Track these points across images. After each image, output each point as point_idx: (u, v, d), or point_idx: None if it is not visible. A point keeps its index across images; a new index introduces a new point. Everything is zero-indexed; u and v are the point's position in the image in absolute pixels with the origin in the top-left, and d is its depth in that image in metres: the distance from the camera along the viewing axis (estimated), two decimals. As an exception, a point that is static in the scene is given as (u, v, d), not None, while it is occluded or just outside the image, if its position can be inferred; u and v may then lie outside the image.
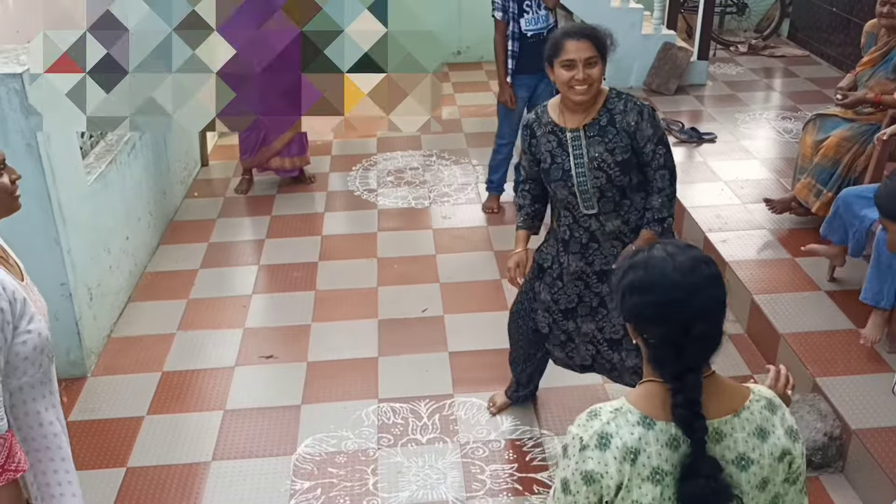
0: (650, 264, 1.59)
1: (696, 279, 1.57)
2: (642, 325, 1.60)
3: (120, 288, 4.52)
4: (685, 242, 1.65)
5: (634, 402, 1.61)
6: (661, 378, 1.58)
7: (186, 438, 3.64)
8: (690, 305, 1.55)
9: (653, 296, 1.57)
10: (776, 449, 1.60)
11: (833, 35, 7.77)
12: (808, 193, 4.55)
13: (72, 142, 3.97)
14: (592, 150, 3.01)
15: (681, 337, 1.55)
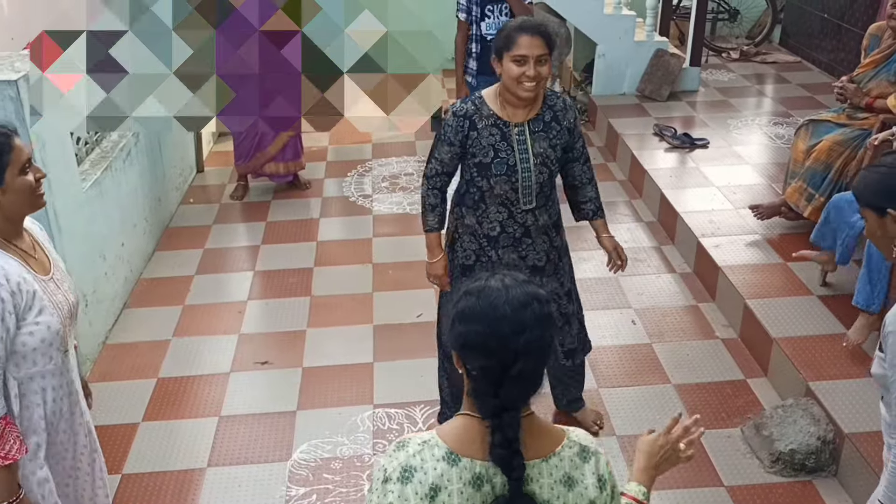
0: (483, 294, 1.55)
1: (525, 316, 1.51)
2: (466, 354, 1.54)
3: (115, 294, 4.52)
4: (526, 276, 1.61)
5: (444, 435, 1.56)
6: (479, 413, 1.54)
7: (182, 445, 3.65)
8: (513, 342, 1.50)
9: (479, 326, 1.52)
10: (581, 500, 1.56)
11: (824, 41, 7.82)
12: (800, 198, 4.58)
13: (67, 148, 3.98)
14: (537, 146, 3.02)
15: (500, 373, 1.50)
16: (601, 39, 7.07)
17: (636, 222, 5.50)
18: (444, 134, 3.03)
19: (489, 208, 3.11)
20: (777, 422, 3.49)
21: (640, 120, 6.63)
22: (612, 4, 7.09)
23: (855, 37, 6.72)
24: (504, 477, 1.51)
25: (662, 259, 5.05)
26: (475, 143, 3.01)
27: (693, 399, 3.84)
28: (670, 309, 4.54)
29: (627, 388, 3.93)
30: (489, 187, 3.06)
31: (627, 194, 5.90)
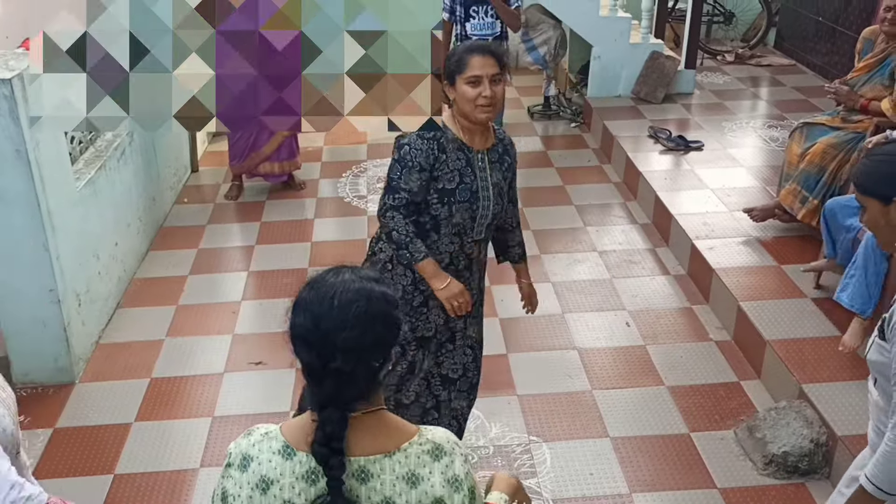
0: (317, 286, 1.55)
1: (347, 314, 1.49)
2: (294, 344, 1.54)
3: (109, 294, 4.51)
4: (375, 273, 1.60)
5: (285, 429, 1.57)
6: (309, 407, 1.54)
7: (174, 445, 3.64)
8: (330, 339, 1.49)
9: (304, 318, 1.52)
10: (426, 498, 1.52)
11: (819, 44, 7.84)
12: (794, 200, 4.59)
13: (61, 148, 3.97)
14: (494, 176, 2.93)
15: (319, 369, 1.50)
16: (597, 41, 7.08)
17: (631, 224, 5.51)
18: (413, 158, 2.80)
19: (441, 239, 2.91)
20: (770, 424, 3.49)
21: (635, 122, 6.64)
22: (608, 6, 7.10)
23: (849, 40, 6.74)
24: None
25: (656, 261, 5.06)
26: (443, 166, 2.83)
27: (686, 401, 3.84)
28: (664, 311, 4.55)
29: (621, 389, 3.93)
30: (448, 215, 2.87)
31: (622, 196, 5.91)
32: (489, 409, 3.81)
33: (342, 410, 1.50)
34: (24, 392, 3.95)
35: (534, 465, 3.49)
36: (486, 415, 3.78)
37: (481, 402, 3.83)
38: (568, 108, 7.42)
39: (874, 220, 2.14)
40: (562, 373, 4.05)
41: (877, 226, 2.14)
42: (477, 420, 3.74)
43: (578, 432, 3.67)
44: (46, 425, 3.74)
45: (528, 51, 7.16)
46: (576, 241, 5.31)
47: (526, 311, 3.34)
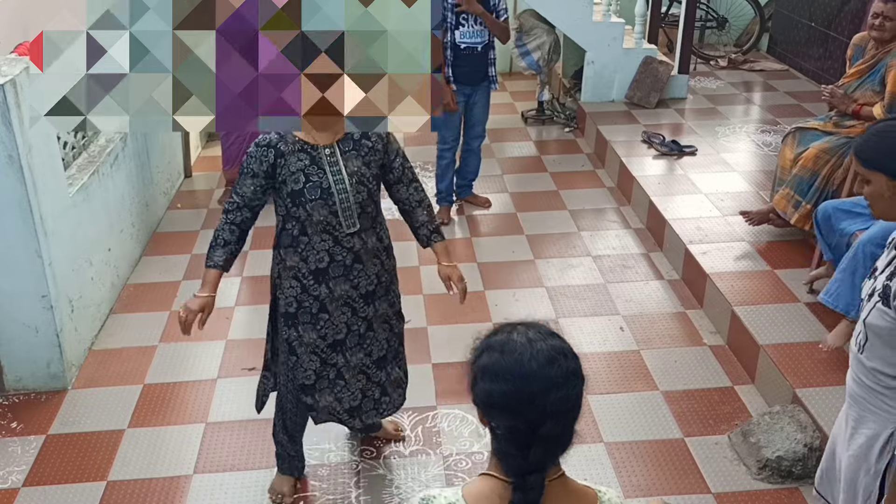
0: (507, 349, 1.48)
1: (553, 373, 1.45)
2: (489, 412, 1.49)
3: (101, 300, 4.50)
4: (548, 328, 1.55)
5: (469, 496, 1.50)
6: (504, 474, 1.48)
7: (168, 451, 3.63)
8: (542, 402, 1.43)
9: (505, 385, 1.45)
10: None
11: (812, 49, 7.87)
12: (787, 204, 4.60)
13: (54, 153, 3.96)
14: (351, 165, 2.92)
15: (528, 434, 1.44)
16: (590, 46, 7.09)
17: (625, 229, 5.52)
18: (247, 165, 2.90)
19: (312, 239, 2.94)
20: (764, 429, 3.50)
21: (629, 127, 6.66)
22: (601, 12, 7.12)
23: (842, 45, 6.77)
24: None
25: (650, 266, 5.06)
26: (283, 170, 2.87)
27: (680, 406, 3.84)
28: (658, 316, 4.55)
29: (615, 394, 3.93)
30: (307, 215, 2.90)
31: (616, 201, 5.91)
32: (483, 415, 3.80)
33: (542, 475, 1.45)
34: (17, 398, 3.94)
35: (528, 470, 3.48)
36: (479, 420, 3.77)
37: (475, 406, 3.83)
38: (562, 113, 7.43)
39: (879, 192, 2.18)
40: (556, 378, 4.05)
41: (881, 198, 2.19)
42: (471, 425, 3.74)
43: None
44: (39, 432, 3.72)
45: (522, 56, 7.17)
46: (570, 246, 5.31)
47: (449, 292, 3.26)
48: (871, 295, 2.19)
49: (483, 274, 5.00)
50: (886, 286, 2.13)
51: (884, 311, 2.12)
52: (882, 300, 2.13)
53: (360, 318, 3.11)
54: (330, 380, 3.14)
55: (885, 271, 2.19)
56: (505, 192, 6.10)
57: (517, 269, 5.05)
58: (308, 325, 3.04)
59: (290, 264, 3.01)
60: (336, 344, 3.10)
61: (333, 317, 3.06)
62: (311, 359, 3.10)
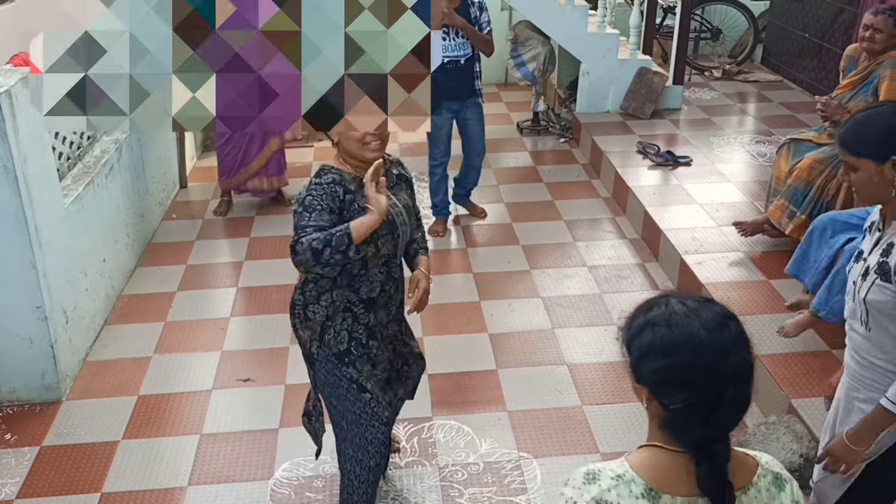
0: (673, 322, 1.45)
1: (725, 338, 1.44)
2: (663, 389, 1.45)
3: (96, 311, 4.48)
4: (699, 295, 1.53)
5: (639, 469, 1.47)
6: (679, 445, 1.46)
7: (162, 463, 3.61)
8: (720, 369, 1.41)
9: (678, 357, 1.43)
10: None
11: (805, 60, 7.91)
12: (782, 215, 4.61)
13: (49, 164, 3.96)
14: (400, 197, 2.94)
15: (710, 402, 1.41)
16: (585, 57, 7.12)
17: (620, 239, 5.53)
18: (320, 202, 2.71)
19: (370, 272, 2.87)
20: (760, 439, 3.49)
21: (624, 137, 6.67)
22: (596, 23, 7.15)
23: (835, 56, 6.80)
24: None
25: (646, 276, 5.07)
26: (352, 206, 2.76)
27: (676, 416, 3.83)
28: (654, 326, 4.54)
29: (611, 405, 3.93)
30: (375, 250, 2.83)
31: (611, 211, 5.92)
32: (479, 425, 3.80)
33: (727, 441, 1.44)
34: (11, 410, 3.92)
35: (524, 481, 3.47)
36: (475, 431, 3.77)
37: (471, 417, 3.83)
38: (557, 124, 7.45)
39: (867, 178, 2.25)
40: (552, 388, 4.05)
41: (869, 183, 2.25)
42: (467, 436, 3.73)
43: (569, 448, 3.66)
44: (33, 443, 3.71)
45: (518, 66, 7.19)
46: (565, 256, 5.32)
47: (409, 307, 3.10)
48: (866, 274, 2.28)
49: (479, 284, 5.00)
50: (883, 262, 2.24)
51: (883, 287, 2.22)
52: (881, 276, 2.23)
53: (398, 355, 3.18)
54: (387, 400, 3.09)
55: (875, 251, 2.29)
56: (500, 202, 6.11)
57: (513, 279, 5.05)
58: (361, 357, 2.94)
59: (338, 302, 2.89)
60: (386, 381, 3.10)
61: (383, 344, 3.03)
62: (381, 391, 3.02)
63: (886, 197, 2.26)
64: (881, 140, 2.23)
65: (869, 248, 2.34)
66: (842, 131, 2.35)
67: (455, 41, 5.11)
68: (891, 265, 2.22)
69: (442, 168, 5.52)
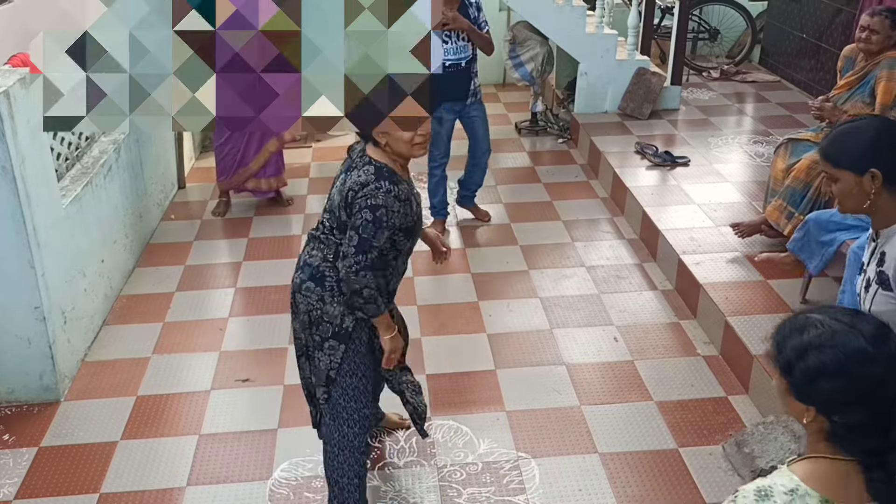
0: (837, 342, 1.47)
1: (892, 349, 1.46)
2: (838, 409, 1.47)
3: (95, 311, 4.48)
4: (838, 307, 1.56)
5: (810, 482, 1.47)
6: (847, 455, 1.48)
7: (161, 463, 3.61)
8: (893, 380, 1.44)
9: (853, 376, 1.45)
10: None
11: (803, 61, 7.92)
12: (780, 216, 4.62)
13: (47, 165, 3.96)
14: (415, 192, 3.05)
15: (888, 413, 1.44)
16: (583, 58, 7.12)
17: (618, 239, 5.53)
18: (388, 220, 2.79)
19: (399, 262, 3.00)
20: (758, 439, 3.50)
21: (622, 138, 6.68)
22: (594, 24, 7.16)
23: (833, 57, 6.81)
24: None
25: (644, 276, 5.07)
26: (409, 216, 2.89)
27: (674, 416, 3.84)
28: (652, 326, 4.56)
29: (609, 405, 3.93)
30: (411, 244, 2.99)
31: (609, 212, 5.93)
32: (478, 425, 3.80)
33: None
34: (9, 410, 3.92)
35: (522, 481, 3.47)
36: (474, 431, 3.77)
37: (469, 417, 3.84)
38: (555, 124, 7.45)
39: (847, 189, 2.31)
40: (550, 388, 4.05)
41: (849, 195, 2.31)
42: (465, 436, 3.73)
43: (567, 448, 3.66)
44: (31, 444, 3.71)
45: (516, 67, 7.20)
46: (563, 257, 5.32)
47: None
48: (868, 286, 2.32)
49: (477, 284, 5.01)
50: (880, 272, 2.26)
51: (887, 296, 2.25)
52: (882, 286, 2.25)
53: None
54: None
55: (872, 262, 2.33)
56: (499, 202, 6.11)
57: (511, 279, 5.05)
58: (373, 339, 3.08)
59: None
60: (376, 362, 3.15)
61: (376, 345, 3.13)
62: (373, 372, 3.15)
63: (863, 207, 2.31)
64: (861, 153, 2.27)
65: (867, 258, 2.39)
66: (824, 143, 2.39)
67: (457, 44, 5.11)
68: (888, 274, 2.24)
69: (441, 169, 5.53)
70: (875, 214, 2.32)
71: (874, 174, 2.24)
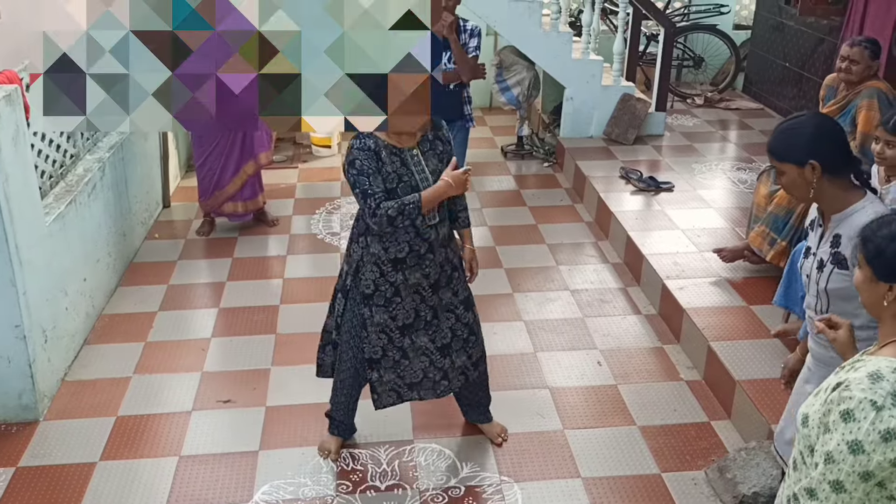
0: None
1: None
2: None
3: (76, 330, 4.45)
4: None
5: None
6: None
7: (140, 485, 3.57)
8: None
9: None
10: None
11: (786, 89, 8.02)
12: (763, 242, 4.66)
13: (31, 182, 3.93)
14: (430, 164, 3.29)
15: None
16: (569, 83, 7.18)
17: (602, 263, 5.55)
18: (362, 170, 3.17)
19: (397, 231, 3.26)
20: (740, 464, 3.50)
21: (607, 163, 6.73)
22: (581, 49, 7.22)
23: (815, 85, 6.90)
24: None
25: (628, 300, 5.09)
26: (382, 171, 3.20)
27: (657, 441, 3.84)
28: (635, 350, 4.57)
29: (592, 429, 3.93)
30: None
31: (594, 235, 5.95)
32: (460, 449, 3.78)
33: None
34: (-14, 430, 3.87)
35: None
36: (456, 454, 3.75)
37: (452, 441, 3.82)
38: (541, 148, 7.50)
39: (792, 180, 2.54)
40: (533, 412, 4.04)
41: (795, 185, 2.54)
42: (448, 460, 3.72)
43: (550, 472, 3.65)
44: (9, 464, 3.66)
45: (502, 91, 7.25)
46: (548, 280, 5.33)
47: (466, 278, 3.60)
48: (821, 267, 2.54)
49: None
50: (836, 253, 2.48)
51: (843, 274, 2.47)
52: (837, 266, 2.49)
53: (427, 306, 3.43)
54: (395, 360, 3.47)
55: (823, 245, 2.54)
56: (484, 225, 6.13)
57: (496, 302, 5.05)
58: (381, 307, 3.37)
59: (373, 251, 3.32)
60: (405, 328, 3.42)
61: (405, 302, 3.38)
62: (379, 337, 3.42)
63: (809, 197, 2.54)
64: (801, 147, 2.51)
65: (816, 242, 2.60)
66: (770, 140, 2.62)
67: (447, 67, 5.13)
68: (844, 254, 2.47)
69: None
70: (821, 201, 2.55)
71: (814, 165, 2.47)
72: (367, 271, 3.33)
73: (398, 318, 3.39)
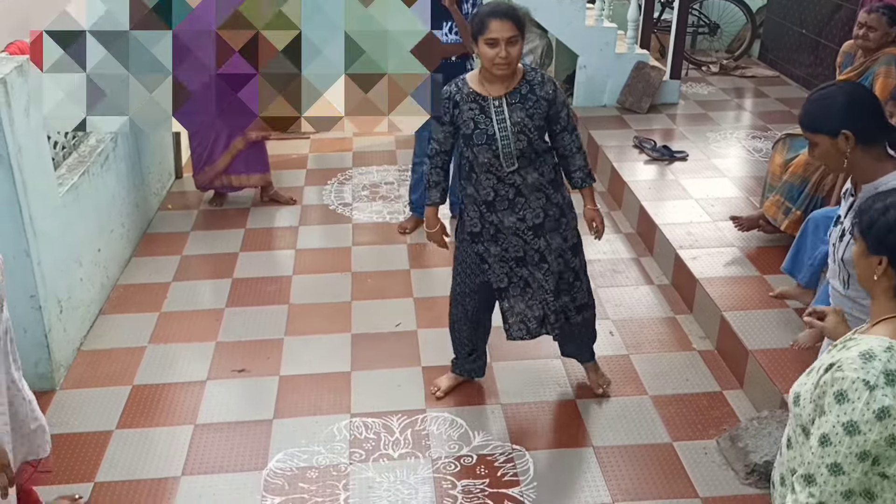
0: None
1: None
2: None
3: (91, 300, 4.48)
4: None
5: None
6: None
7: (156, 453, 3.62)
8: None
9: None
10: None
11: (802, 56, 7.91)
12: (777, 211, 4.62)
13: (44, 153, 3.95)
14: (515, 116, 3.34)
15: None
16: (582, 51, 7.11)
17: (615, 234, 5.53)
18: (437, 116, 3.36)
19: (479, 176, 3.44)
20: (752, 434, 3.51)
21: (621, 132, 6.67)
22: (594, 17, 7.14)
23: (832, 52, 6.80)
24: None
25: (641, 271, 5.08)
26: (458, 118, 3.38)
27: (669, 411, 3.85)
28: (648, 320, 4.56)
29: (604, 399, 3.94)
30: (474, 156, 3.40)
31: (607, 206, 5.93)
32: (472, 418, 3.81)
33: None
34: (4, 399, 3.92)
35: (517, 474, 3.48)
36: (469, 423, 3.78)
37: (464, 410, 3.84)
38: (554, 118, 7.43)
39: (826, 151, 2.51)
40: (545, 382, 4.06)
41: (828, 156, 2.52)
42: (460, 429, 3.74)
43: (561, 441, 3.67)
44: (26, 433, 3.70)
45: (515, 60, 7.17)
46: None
47: (593, 237, 3.74)
48: (843, 236, 2.52)
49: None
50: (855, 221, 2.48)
51: None
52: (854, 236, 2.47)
53: (533, 249, 3.53)
54: (521, 287, 3.59)
55: (850, 215, 2.46)
56: (496, 195, 6.10)
57: (508, 272, 5.04)
58: (490, 241, 3.53)
59: (468, 192, 3.52)
60: (519, 259, 3.54)
61: (510, 239, 3.51)
62: (500, 266, 3.56)
63: (843, 167, 2.51)
64: (833, 117, 2.47)
65: (844, 211, 2.58)
66: (801, 112, 2.57)
67: (447, 38, 5.07)
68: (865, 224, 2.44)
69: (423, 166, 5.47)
70: (854, 172, 2.52)
71: (847, 135, 2.44)
72: (471, 210, 3.53)
73: (509, 249, 3.52)
